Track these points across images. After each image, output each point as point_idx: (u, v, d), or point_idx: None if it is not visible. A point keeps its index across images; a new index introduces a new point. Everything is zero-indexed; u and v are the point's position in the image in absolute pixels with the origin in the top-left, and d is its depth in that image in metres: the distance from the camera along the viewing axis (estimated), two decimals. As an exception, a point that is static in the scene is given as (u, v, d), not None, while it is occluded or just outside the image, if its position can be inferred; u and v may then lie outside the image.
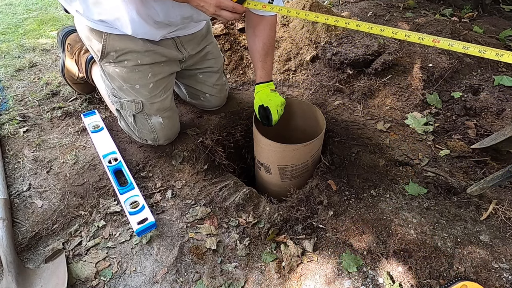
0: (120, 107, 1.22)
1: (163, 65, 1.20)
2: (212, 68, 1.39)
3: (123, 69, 1.13)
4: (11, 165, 1.25)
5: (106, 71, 1.17)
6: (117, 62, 1.13)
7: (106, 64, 1.15)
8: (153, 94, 1.19)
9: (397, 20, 2.02)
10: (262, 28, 1.19)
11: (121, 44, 1.09)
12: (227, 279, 0.95)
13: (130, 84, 1.15)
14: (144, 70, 1.15)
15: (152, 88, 1.18)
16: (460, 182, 1.13)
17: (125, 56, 1.11)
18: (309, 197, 1.13)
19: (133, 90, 1.17)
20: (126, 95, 1.18)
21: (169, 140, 1.31)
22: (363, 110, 1.47)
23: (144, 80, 1.16)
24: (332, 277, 0.94)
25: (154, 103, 1.20)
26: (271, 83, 1.24)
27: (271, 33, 1.21)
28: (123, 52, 1.11)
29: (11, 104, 1.54)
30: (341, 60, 1.59)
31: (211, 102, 1.46)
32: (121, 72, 1.14)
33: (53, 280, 0.91)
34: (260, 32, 1.19)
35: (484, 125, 1.33)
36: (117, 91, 1.19)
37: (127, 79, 1.15)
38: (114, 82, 1.18)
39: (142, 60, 1.13)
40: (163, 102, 1.22)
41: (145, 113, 1.21)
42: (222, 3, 0.90)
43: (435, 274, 0.91)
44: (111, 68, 1.15)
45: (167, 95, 1.24)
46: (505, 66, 1.67)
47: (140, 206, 1.08)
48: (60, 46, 1.52)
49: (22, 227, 1.05)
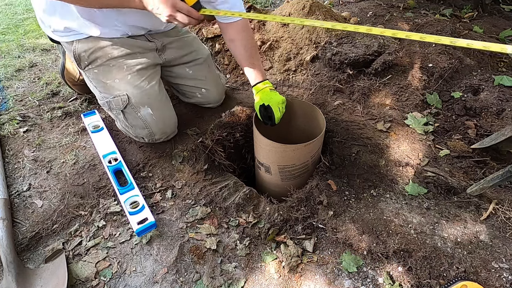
0: (108, 108, 1.24)
1: (139, 56, 1.22)
2: (198, 60, 1.40)
3: (100, 68, 1.18)
4: (11, 165, 1.25)
5: (90, 77, 1.22)
6: (91, 63, 1.18)
7: (86, 70, 1.21)
8: (134, 84, 1.20)
9: (397, 20, 2.02)
10: (235, 32, 1.22)
11: (88, 44, 1.15)
12: (227, 279, 0.95)
13: (110, 80, 1.19)
14: (119, 64, 1.19)
15: (131, 79, 1.20)
16: (460, 182, 1.13)
17: (95, 53, 1.16)
18: (309, 197, 1.13)
19: (115, 85, 1.19)
20: (110, 93, 1.20)
21: (166, 135, 1.30)
22: (363, 110, 1.47)
23: (121, 73, 1.19)
24: (332, 277, 0.94)
25: (138, 93, 1.21)
26: (268, 82, 1.24)
27: (246, 35, 1.23)
28: (92, 51, 1.16)
29: (11, 104, 1.54)
30: (341, 60, 1.59)
31: (209, 97, 1.46)
32: (99, 71, 1.19)
33: (53, 280, 0.91)
34: (235, 37, 1.23)
35: (484, 125, 1.33)
36: (103, 93, 1.22)
37: (106, 76, 1.19)
38: (98, 85, 1.22)
39: (112, 53, 1.17)
40: (147, 91, 1.22)
41: (133, 106, 1.21)
42: (177, 4, 0.92)
43: (435, 274, 0.91)
44: (91, 72, 1.20)
45: (151, 85, 1.24)
46: (505, 66, 1.67)
47: (140, 206, 1.08)
48: (60, 48, 1.52)
49: (22, 227, 1.05)
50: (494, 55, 1.73)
